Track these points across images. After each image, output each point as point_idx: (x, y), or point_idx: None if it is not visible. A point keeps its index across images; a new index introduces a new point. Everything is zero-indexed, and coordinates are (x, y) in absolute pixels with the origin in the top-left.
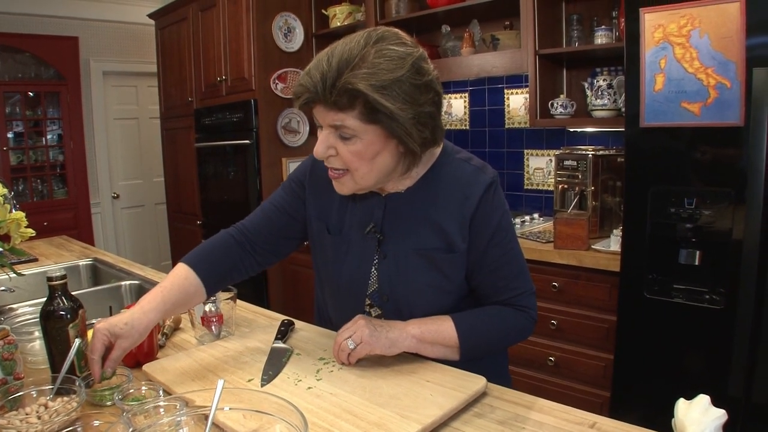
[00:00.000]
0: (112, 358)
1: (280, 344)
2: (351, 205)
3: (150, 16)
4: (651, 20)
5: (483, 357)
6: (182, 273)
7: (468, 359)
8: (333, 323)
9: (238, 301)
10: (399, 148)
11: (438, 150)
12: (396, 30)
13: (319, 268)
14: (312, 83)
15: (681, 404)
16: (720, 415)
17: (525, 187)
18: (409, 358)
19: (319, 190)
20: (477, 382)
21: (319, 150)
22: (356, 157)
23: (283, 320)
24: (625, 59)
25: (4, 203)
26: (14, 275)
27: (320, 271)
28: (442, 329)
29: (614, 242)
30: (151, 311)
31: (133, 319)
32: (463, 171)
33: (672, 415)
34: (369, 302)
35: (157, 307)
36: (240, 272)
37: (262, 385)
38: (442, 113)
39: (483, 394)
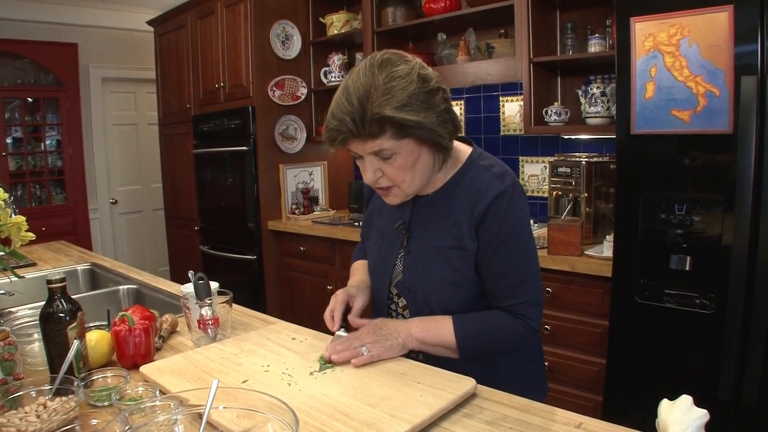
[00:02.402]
0: (357, 308)
1: (342, 333)
2: (387, 204)
3: (149, 23)
4: (641, 29)
5: (520, 368)
6: (365, 262)
7: (466, 359)
8: (376, 313)
9: (234, 305)
10: (433, 149)
11: (464, 156)
12: (392, 51)
13: (368, 264)
14: (342, 125)
15: (664, 404)
16: (702, 414)
17: None
18: (401, 359)
19: (374, 197)
20: (466, 383)
21: (368, 177)
22: (401, 171)
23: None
24: (616, 67)
25: (4, 207)
26: (14, 279)
27: (368, 267)
28: (441, 334)
29: (607, 248)
30: (364, 277)
31: (359, 283)
32: (481, 177)
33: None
34: (396, 291)
35: (366, 275)
36: None
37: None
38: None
39: (472, 395)
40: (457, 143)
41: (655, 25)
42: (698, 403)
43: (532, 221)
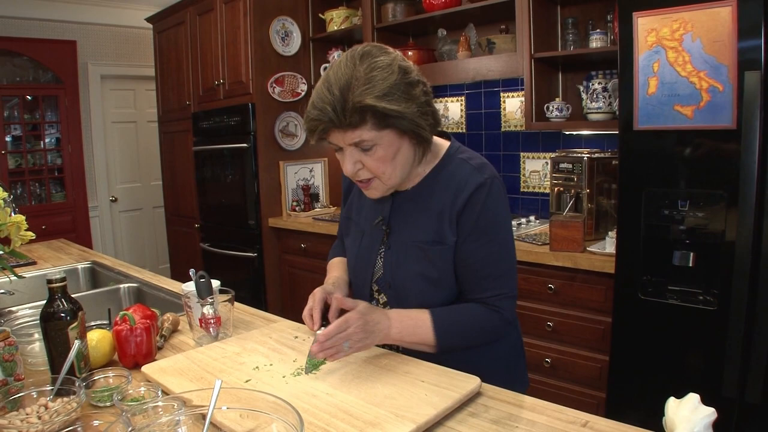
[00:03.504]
0: (335, 306)
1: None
2: (367, 199)
3: (148, 20)
4: (644, 24)
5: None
6: (343, 260)
7: (443, 353)
8: None
9: (235, 303)
10: (413, 141)
11: (442, 149)
12: (373, 44)
13: (347, 260)
14: (323, 114)
15: (671, 403)
16: (709, 413)
17: (521, 189)
18: (405, 358)
19: (353, 192)
20: (471, 381)
21: (348, 168)
22: (381, 163)
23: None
24: (618, 63)
25: (4, 207)
26: (14, 278)
27: (347, 263)
28: (418, 328)
29: (609, 244)
30: (341, 273)
31: (336, 280)
32: (460, 170)
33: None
34: (376, 288)
35: (344, 272)
36: None
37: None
38: (435, 106)
39: (477, 394)
40: (435, 137)
41: (657, 20)
42: (701, 400)
43: (533, 217)
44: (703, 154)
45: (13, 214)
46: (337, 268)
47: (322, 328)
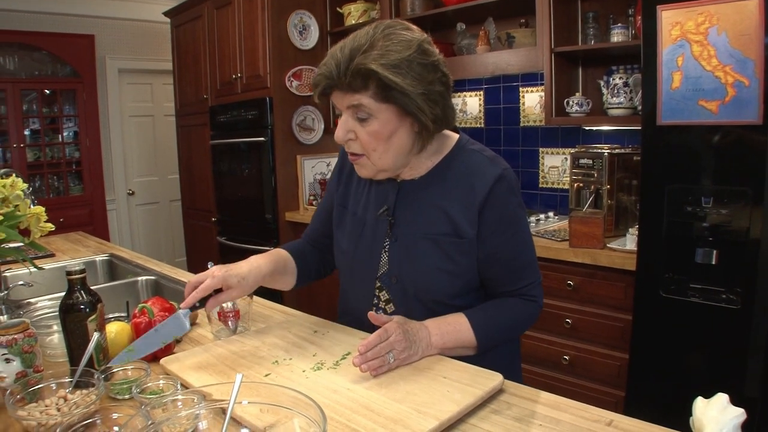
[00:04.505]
0: (219, 299)
1: (184, 313)
2: (368, 189)
3: (165, 13)
4: (668, 18)
5: (496, 353)
6: (284, 253)
7: (483, 352)
8: (352, 314)
9: (254, 296)
10: (413, 127)
11: (452, 141)
12: (401, 20)
13: (338, 255)
14: (327, 71)
15: (699, 402)
16: (739, 413)
17: (540, 185)
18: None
19: (347, 175)
20: (494, 378)
21: (339, 134)
22: (373, 138)
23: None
24: (642, 57)
25: (24, 198)
26: (33, 270)
27: (338, 259)
28: (460, 333)
29: (630, 241)
30: (261, 271)
31: (247, 274)
32: (474, 161)
33: (689, 414)
34: (378, 285)
35: (266, 268)
36: (320, 272)
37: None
38: (453, 100)
39: (499, 391)
40: (445, 131)
41: (682, 14)
42: None
43: (551, 213)
44: (727, 149)
45: (32, 206)
46: (265, 257)
47: (189, 310)
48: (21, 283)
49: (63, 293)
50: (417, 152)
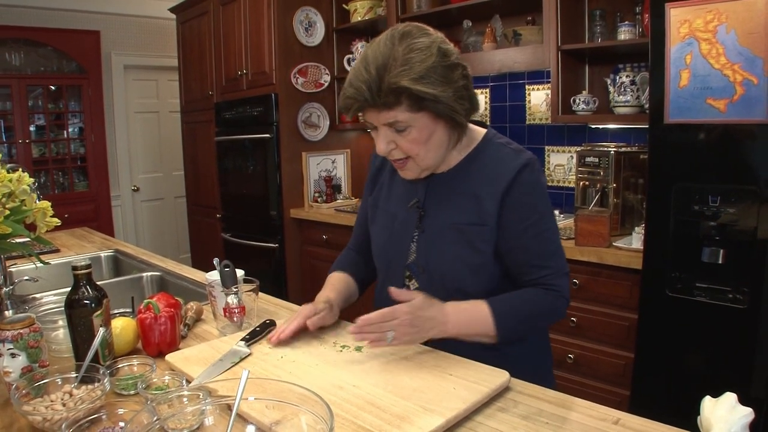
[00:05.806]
0: (314, 322)
1: (242, 347)
2: (399, 186)
3: (171, 10)
4: (676, 15)
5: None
6: (342, 276)
7: (504, 342)
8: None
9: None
10: (448, 125)
11: (480, 135)
12: (415, 23)
13: (374, 250)
14: (358, 93)
15: (707, 402)
16: (747, 413)
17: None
18: (432, 351)
19: (378, 180)
20: (500, 376)
21: (381, 147)
22: (414, 144)
23: (264, 320)
24: (650, 55)
25: (30, 192)
26: (39, 265)
27: (374, 252)
28: (478, 320)
29: (636, 240)
30: (336, 295)
31: (327, 299)
32: (500, 153)
33: (694, 414)
34: (408, 273)
35: (340, 292)
36: (373, 274)
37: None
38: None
39: (506, 389)
40: (472, 125)
41: (691, 11)
42: None
43: (557, 212)
44: (735, 148)
45: (37, 201)
46: (332, 287)
47: (249, 344)
48: (26, 278)
49: (68, 288)
50: (454, 145)
